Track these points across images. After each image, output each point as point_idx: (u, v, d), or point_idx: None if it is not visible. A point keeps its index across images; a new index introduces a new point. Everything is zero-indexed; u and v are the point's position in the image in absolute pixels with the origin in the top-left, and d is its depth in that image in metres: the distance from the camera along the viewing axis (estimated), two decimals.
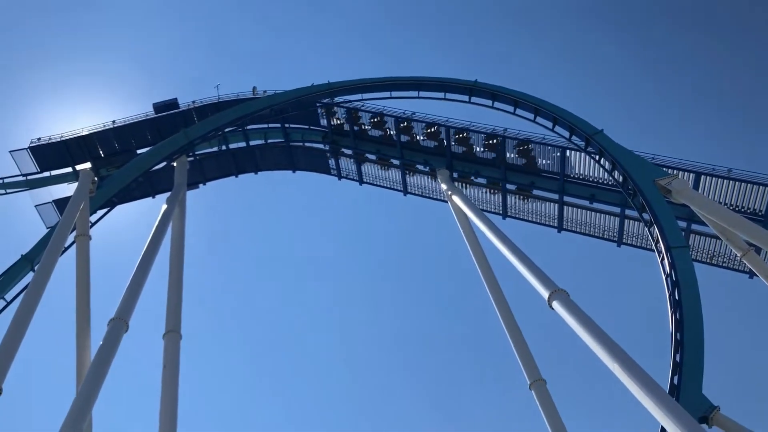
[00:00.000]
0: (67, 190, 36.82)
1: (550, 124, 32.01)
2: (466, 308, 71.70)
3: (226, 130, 35.38)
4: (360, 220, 77.16)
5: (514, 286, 30.54)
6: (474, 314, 69.26)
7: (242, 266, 76.98)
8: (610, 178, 29.95)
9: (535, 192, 34.38)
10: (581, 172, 32.56)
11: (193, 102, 38.18)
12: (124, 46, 78.42)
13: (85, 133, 37.18)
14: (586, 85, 77.02)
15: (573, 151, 31.90)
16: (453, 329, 71.04)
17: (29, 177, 37.01)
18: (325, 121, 37.75)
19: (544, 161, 33.36)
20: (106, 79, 74.57)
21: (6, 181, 36.46)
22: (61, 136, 37.06)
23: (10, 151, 36.38)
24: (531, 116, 32.55)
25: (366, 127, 36.78)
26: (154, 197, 38.26)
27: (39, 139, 37.06)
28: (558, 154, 32.39)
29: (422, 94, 35.11)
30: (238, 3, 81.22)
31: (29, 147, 36.54)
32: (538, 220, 35.03)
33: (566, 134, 31.30)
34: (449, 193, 33.17)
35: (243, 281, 76.63)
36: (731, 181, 28.52)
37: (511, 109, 33.13)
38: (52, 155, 36.85)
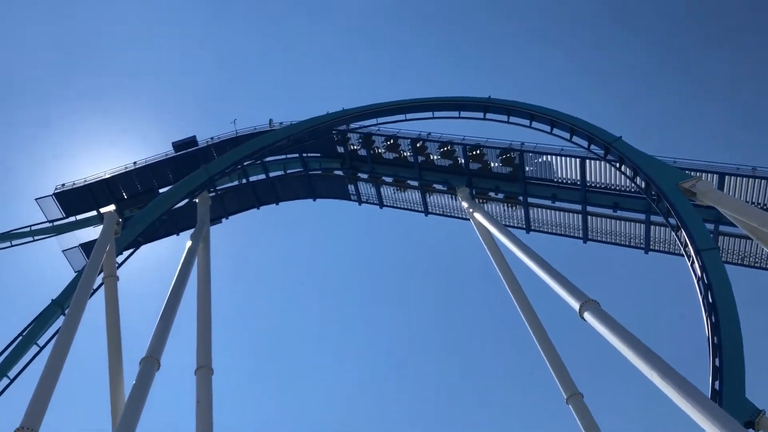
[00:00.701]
0: (93, 233, 37.25)
1: (567, 135, 31.92)
2: (496, 325, 71.21)
3: (245, 163, 35.70)
4: (381, 245, 77.25)
5: (543, 299, 30.29)
6: (504, 331, 68.86)
7: (269, 297, 77.15)
8: (633, 185, 29.66)
9: (558, 204, 34.17)
10: (602, 181, 32.33)
11: (212, 138, 38.65)
12: (141, 88, 79.87)
13: (107, 176, 37.67)
14: (595, 93, 76.79)
15: (593, 161, 31.69)
16: (483, 346, 70.50)
17: (55, 223, 37.52)
18: (342, 147, 37.95)
19: (564, 172, 33.16)
20: (126, 121, 75.98)
21: (33, 228, 36.97)
22: (85, 181, 37.60)
23: (36, 199, 36.97)
24: (548, 128, 32.47)
25: (382, 150, 36.94)
26: (178, 234, 38.57)
27: (63, 185, 37.61)
28: (577, 164, 32.20)
29: (437, 114, 35.22)
30: (248, 38, 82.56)
31: (54, 193, 37.09)
32: (563, 232, 34.78)
33: (585, 144, 31.18)
34: (470, 210, 33.07)
35: (270, 311, 76.67)
36: (757, 180, 28.08)
37: (527, 122, 33.10)
38: (76, 200, 37.35)
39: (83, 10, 76.70)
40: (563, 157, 32.48)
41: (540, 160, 33.05)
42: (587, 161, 31.82)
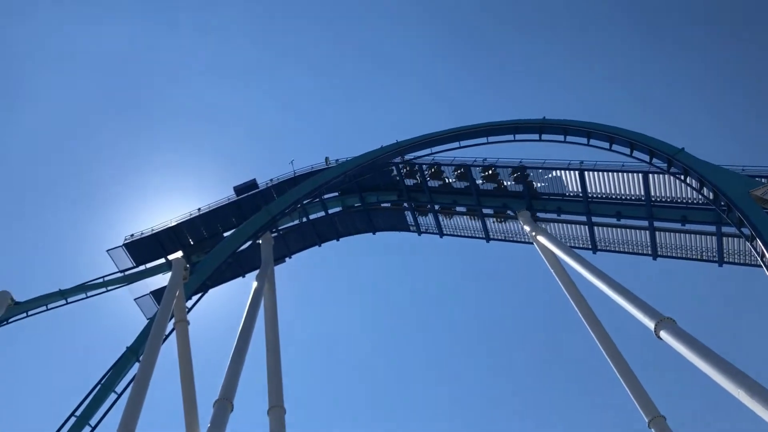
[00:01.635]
0: (163, 280, 38.24)
1: (627, 150, 31.22)
2: (566, 350, 69.48)
3: (305, 202, 36.22)
4: (443, 273, 76.75)
5: (614, 319, 29.47)
6: (575, 355, 67.08)
7: (336, 331, 77.42)
8: (700, 197, 28.68)
9: (623, 221, 33.25)
10: (668, 195, 31.28)
11: (271, 180, 39.38)
12: (200, 136, 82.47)
13: (173, 223, 38.73)
14: (645, 104, 75.13)
15: (656, 175, 30.81)
16: (555, 372, 68.84)
17: (127, 272, 38.65)
18: (399, 179, 38.07)
19: (627, 188, 32.31)
20: (188, 169, 78.31)
21: (106, 279, 38.16)
22: (152, 230, 38.73)
23: (107, 251, 38.22)
24: (606, 145, 31.85)
25: (440, 179, 36.85)
26: (244, 276, 39.29)
27: (132, 235, 38.82)
28: (640, 179, 31.34)
29: (491, 139, 35.09)
30: (299, 79, 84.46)
31: (124, 244, 38.28)
32: (631, 250, 33.71)
33: (646, 158, 30.40)
34: (533, 234, 32.55)
35: (338, 345, 76.85)
36: None
37: (584, 140, 32.56)
38: (145, 249, 38.46)
39: (143, 63, 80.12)
40: (625, 173, 31.66)
41: (601, 177, 32.26)
42: (650, 176, 30.93)
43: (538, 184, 34.41)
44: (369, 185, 39.12)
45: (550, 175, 33.91)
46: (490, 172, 34.99)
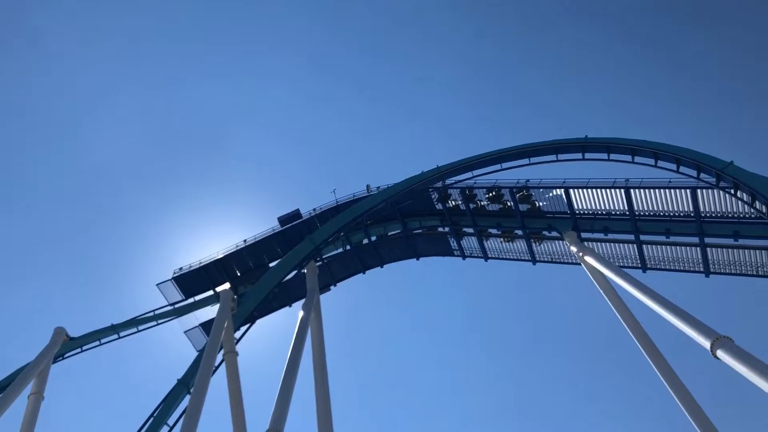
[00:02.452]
0: (211, 312, 38.78)
1: (673, 166, 30.62)
2: (618, 371, 67.80)
3: (347, 230, 36.39)
4: (490, 296, 75.98)
5: (668, 339, 28.70)
6: (628, 375, 65.43)
7: (385, 359, 77.07)
8: (752, 210, 27.86)
9: (672, 238, 32.47)
10: (718, 210, 30.49)
11: (314, 210, 39.72)
12: (245, 169, 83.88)
13: (220, 255, 39.32)
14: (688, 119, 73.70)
15: (704, 190, 30.08)
16: (610, 396, 67.12)
17: (176, 305, 39.29)
18: (440, 204, 37.99)
19: (675, 205, 31.60)
20: (234, 202, 79.70)
21: (157, 312, 38.85)
22: (200, 262, 39.38)
23: (156, 285, 38.97)
24: (651, 162, 31.31)
25: (482, 202, 36.67)
26: (290, 306, 39.54)
27: (181, 268, 39.54)
28: (688, 195, 30.62)
29: (533, 160, 34.82)
30: (341, 109, 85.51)
31: (173, 278, 38.99)
32: (682, 268, 32.84)
33: (693, 173, 29.76)
34: (580, 254, 31.99)
35: (386, 373, 76.42)
36: None
37: (628, 158, 32.06)
38: (193, 281, 39.10)
39: (189, 99, 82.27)
40: (673, 190, 30.98)
41: (648, 194, 31.62)
42: (699, 191, 30.22)
43: (583, 204, 33.88)
44: (411, 211, 39.11)
45: (593, 195, 33.38)
46: (526, 193, 34.70)
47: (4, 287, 71.94)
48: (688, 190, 30.44)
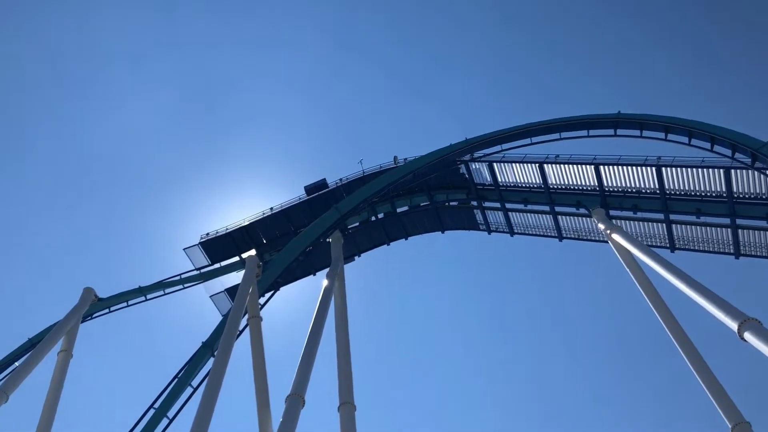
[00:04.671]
0: (236, 278, 39.23)
1: (707, 145, 29.98)
2: (644, 352, 67.42)
3: (373, 201, 36.36)
4: (512, 271, 75.76)
5: (695, 320, 28.35)
6: (652, 357, 65.07)
7: (406, 329, 77.54)
8: None
9: (703, 219, 31.93)
10: (752, 191, 29.81)
11: (340, 180, 39.72)
12: (272, 138, 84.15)
13: (246, 223, 39.66)
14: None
15: (739, 170, 29.43)
16: (633, 377, 66.91)
17: (202, 270, 39.80)
18: (468, 177, 37.72)
19: (707, 185, 31.00)
20: (261, 170, 79.98)
21: (183, 276, 39.40)
22: (226, 229, 39.78)
23: (183, 249, 39.51)
24: (685, 139, 30.71)
25: (509, 177, 36.31)
26: (314, 275, 39.85)
27: (207, 234, 39.96)
28: (722, 175, 29.99)
29: (564, 135, 34.33)
30: (370, 80, 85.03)
31: (200, 243, 39.48)
32: (712, 249, 32.34)
33: (728, 152, 29.12)
34: (608, 231, 31.59)
35: (406, 342, 76.97)
36: None
37: (662, 135, 31.48)
38: (220, 247, 39.55)
39: (216, 65, 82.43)
40: (706, 169, 30.38)
41: (680, 173, 31.05)
42: (733, 171, 29.57)
43: (613, 182, 33.39)
44: (438, 184, 38.91)
45: (624, 172, 32.85)
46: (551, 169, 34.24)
47: (36, 247, 73.52)
48: (721, 170, 29.80)
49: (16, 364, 32.64)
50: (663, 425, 62.54)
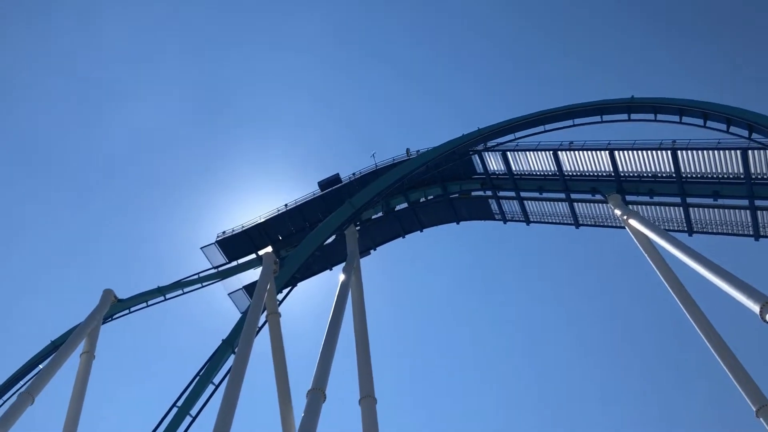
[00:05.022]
0: (254, 275, 39.41)
1: (723, 126, 29.67)
2: (663, 337, 67.00)
3: (387, 194, 36.33)
4: (529, 259, 75.48)
5: (715, 304, 28.15)
6: (673, 342, 64.67)
7: (422, 322, 77.59)
8: None
9: (720, 201, 31.60)
10: None
11: (353, 174, 39.69)
12: (284, 134, 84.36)
13: (262, 220, 39.76)
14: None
15: (756, 150, 29.07)
16: (654, 361, 66.55)
17: (220, 268, 40.01)
18: (482, 167, 37.57)
19: (724, 166, 30.66)
20: (274, 167, 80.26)
21: (201, 275, 39.64)
22: (242, 227, 39.91)
23: (201, 248, 39.71)
24: (700, 122, 30.41)
25: (523, 165, 36.12)
26: (331, 269, 39.90)
27: (224, 232, 40.14)
28: (739, 156, 29.64)
29: (577, 121, 34.11)
30: (380, 74, 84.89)
31: (217, 241, 39.66)
32: (730, 231, 32.02)
33: (745, 133, 28.80)
34: (625, 217, 31.37)
35: (424, 336, 76.99)
36: None
37: (676, 118, 31.17)
38: (236, 245, 39.70)
39: (226, 62, 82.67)
40: (722, 151, 30.04)
41: (696, 156, 30.73)
42: (750, 152, 29.22)
43: (629, 167, 33.13)
44: (451, 175, 38.80)
45: (639, 157, 32.55)
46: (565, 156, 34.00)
47: (55, 249, 74.25)
48: (738, 151, 29.45)
49: (40, 366, 33.11)
50: (683, 410, 62.29)
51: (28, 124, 73.74)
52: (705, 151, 30.45)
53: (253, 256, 39.94)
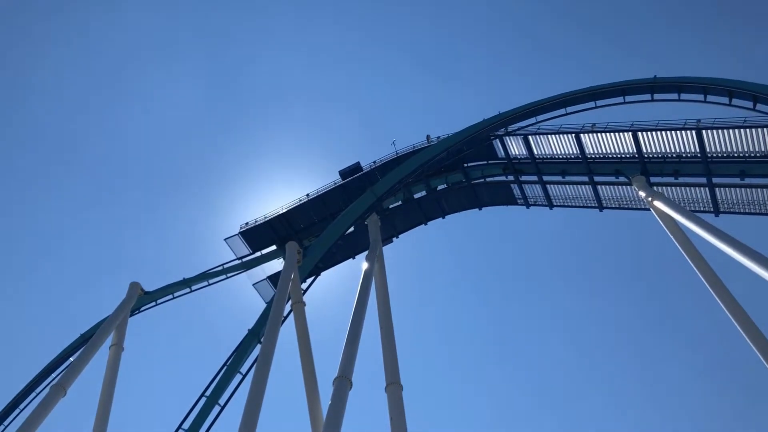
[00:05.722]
0: (277, 265, 39.64)
1: (749, 104, 29.11)
2: (689, 320, 66.32)
3: (408, 181, 36.23)
4: (552, 245, 74.98)
5: (743, 286, 27.73)
6: (700, 325, 64.00)
7: (446, 308, 77.57)
8: None
9: (747, 180, 31.05)
10: None
11: (374, 162, 39.68)
12: (304, 124, 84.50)
13: (284, 210, 39.94)
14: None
15: None
16: (681, 347, 65.93)
17: (244, 259, 40.27)
18: (503, 152, 37.31)
19: (750, 145, 30.10)
20: (295, 157, 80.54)
21: (226, 266, 39.95)
22: (265, 217, 40.11)
23: (224, 239, 40.00)
24: (725, 100, 29.86)
25: (545, 149, 35.79)
26: (354, 258, 39.96)
27: (247, 223, 40.39)
28: (766, 134, 29.09)
29: (599, 102, 33.72)
30: (398, 61, 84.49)
31: (240, 232, 39.93)
32: (758, 210, 31.46)
33: None
34: (649, 199, 30.97)
35: (447, 321, 77.00)
36: None
37: (700, 97, 30.65)
38: (260, 236, 39.94)
39: (247, 54, 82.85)
40: (748, 129, 29.49)
41: (721, 135, 30.21)
42: None
43: (653, 148, 32.68)
44: (473, 160, 38.58)
45: (663, 137, 32.08)
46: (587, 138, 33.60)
47: (81, 244, 75.28)
48: (765, 129, 28.93)
49: (71, 359, 33.64)
50: (716, 395, 61.71)
51: (47, 120, 74.61)
52: (731, 130, 29.93)
53: (276, 246, 40.11)
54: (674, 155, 32.21)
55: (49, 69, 73.84)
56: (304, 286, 33.29)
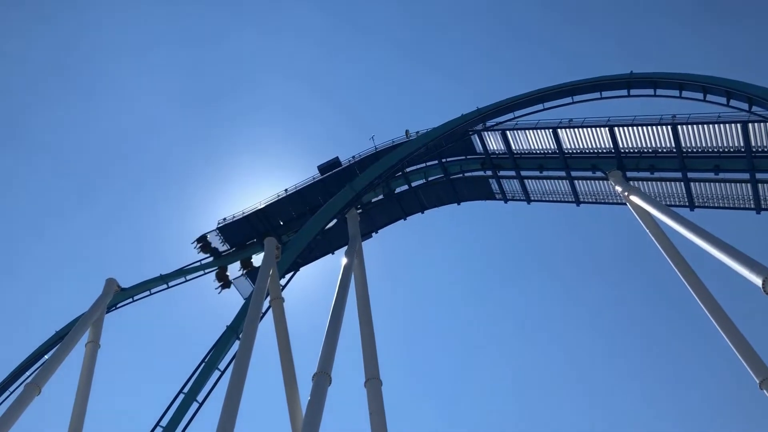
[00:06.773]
0: (255, 261, 39.44)
1: (723, 100, 29.53)
2: (667, 313, 67.26)
3: (387, 176, 36.25)
4: (531, 239, 75.52)
5: (717, 278, 28.20)
6: (677, 317, 64.93)
7: (426, 303, 77.80)
8: None
9: (721, 175, 31.55)
10: None
11: (353, 157, 39.53)
12: (282, 119, 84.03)
13: (262, 206, 39.65)
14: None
15: (756, 123, 28.99)
16: (659, 335, 66.90)
17: (222, 255, 40.01)
18: (481, 147, 37.46)
19: (724, 140, 30.57)
20: (273, 152, 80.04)
21: (203, 262, 39.67)
22: (243, 213, 39.84)
23: (201, 234, 39.60)
24: (700, 96, 30.25)
25: (523, 144, 36.01)
26: (333, 253, 39.85)
27: (224, 219, 40.10)
28: (739, 129, 29.56)
29: (576, 98, 33.96)
30: (376, 56, 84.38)
31: (217, 228, 39.63)
32: (732, 205, 32.00)
33: (745, 106, 28.67)
34: (626, 194, 31.36)
35: (427, 316, 77.26)
36: None
37: (676, 93, 31.01)
38: (238, 231, 39.66)
39: (222, 49, 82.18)
40: (722, 124, 29.94)
41: (696, 130, 30.65)
42: (750, 125, 29.15)
43: (629, 143, 33.03)
44: (451, 156, 38.69)
45: (639, 132, 32.45)
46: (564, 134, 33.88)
47: (55, 240, 74.31)
48: (738, 125, 29.40)
49: (46, 357, 33.22)
50: (690, 386, 62.67)
51: (26, 117, 73.48)
52: (705, 126, 30.36)
53: (255, 241, 39.91)
54: (650, 150, 32.59)
55: (20, 65, 72.62)
56: (282, 281, 33.15)
